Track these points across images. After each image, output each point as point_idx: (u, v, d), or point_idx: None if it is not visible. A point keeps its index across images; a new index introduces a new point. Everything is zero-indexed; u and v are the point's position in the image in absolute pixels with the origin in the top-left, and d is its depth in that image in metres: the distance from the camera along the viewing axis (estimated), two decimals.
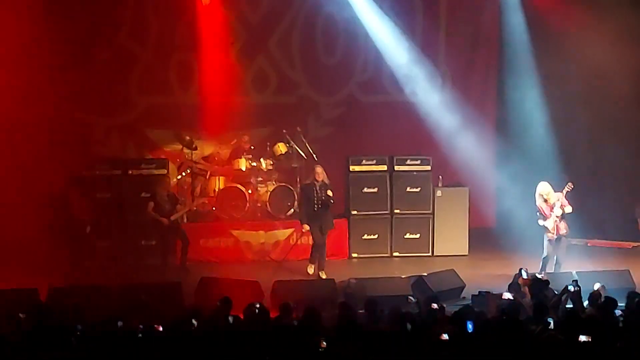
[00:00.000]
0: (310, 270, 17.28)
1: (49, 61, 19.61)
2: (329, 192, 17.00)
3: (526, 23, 20.46)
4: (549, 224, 16.35)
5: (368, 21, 20.35)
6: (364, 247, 19.16)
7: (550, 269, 16.27)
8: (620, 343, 10.21)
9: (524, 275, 13.97)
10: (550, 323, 11.01)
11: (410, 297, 12.84)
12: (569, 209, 16.34)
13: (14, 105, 19.29)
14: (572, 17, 19.69)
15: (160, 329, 10.65)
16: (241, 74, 20.56)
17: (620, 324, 11.14)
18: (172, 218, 17.45)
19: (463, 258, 18.90)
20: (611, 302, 11.89)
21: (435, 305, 12.27)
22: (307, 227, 17.04)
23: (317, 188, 17.01)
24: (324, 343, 10.12)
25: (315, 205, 16.99)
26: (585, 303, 12.80)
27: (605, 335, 10.40)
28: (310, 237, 17.48)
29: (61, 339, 10.42)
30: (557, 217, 16.31)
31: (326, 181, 17.12)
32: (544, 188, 16.46)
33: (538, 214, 16.44)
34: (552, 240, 16.38)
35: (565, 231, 16.35)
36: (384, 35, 20.40)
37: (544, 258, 16.42)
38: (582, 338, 10.03)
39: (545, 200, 16.38)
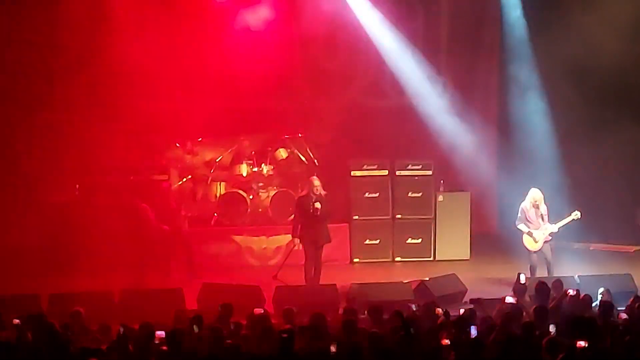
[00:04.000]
0: None
1: (52, 65, 19.68)
2: (317, 205, 15.99)
3: (527, 28, 20.44)
4: (539, 236, 16.35)
5: (369, 26, 20.33)
6: (366, 252, 19.14)
7: (542, 273, 16.27)
8: (621, 347, 10.21)
9: (522, 280, 13.96)
10: (551, 327, 11.02)
11: (412, 306, 12.82)
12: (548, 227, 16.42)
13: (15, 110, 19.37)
14: (572, 13, 19.73)
15: (162, 334, 10.64)
16: (242, 79, 20.55)
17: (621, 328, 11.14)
18: (174, 225, 17.43)
19: (465, 263, 18.90)
20: (608, 306, 11.93)
21: (440, 310, 12.27)
22: (298, 241, 16.23)
23: (314, 200, 16.15)
24: (333, 348, 10.13)
25: (312, 217, 16.11)
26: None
27: (605, 339, 10.42)
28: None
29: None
30: (549, 233, 16.35)
31: (322, 193, 16.22)
32: (537, 194, 16.46)
33: (520, 215, 16.45)
34: (536, 252, 16.42)
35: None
36: (385, 40, 20.38)
37: (530, 267, 16.42)
38: (581, 344, 10.02)
39: (536, 207, 16.38)
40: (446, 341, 10.38)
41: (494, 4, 20.71)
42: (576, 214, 16.39)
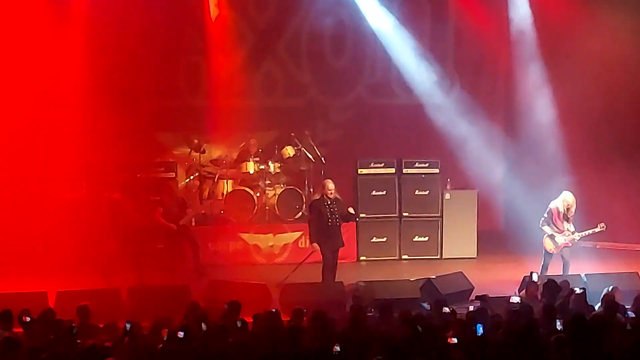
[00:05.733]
0: None
1: (59, 63, 19.73)
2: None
3: (535, 25, 20.43)
4: (560, 239, 16.28)
5: (376, 24, 20.36)
6: (373, 250, 19.15)
7: (556, 272, 16.23)
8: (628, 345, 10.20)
9: (534, 278, 13.94)
10: (558, 325, 11.01)
11: (424, 305, 12.81)
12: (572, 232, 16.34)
13: (27, 108, 19.43)
14: (580, 16, 19.70)
15: (181, 334, 10.65)
16: (249, 77, 20.58)
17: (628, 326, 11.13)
18: (181, 222, 17.46)
19: (472, 261, 18.89)
20: (614, 305, 11.91)
21: (447, 309, 12.27)
22: (317, 246, 15.93)
23: (328, 203, 15.88)
24: (337, 347, 10.12)
25: (329, 221, 15.86)
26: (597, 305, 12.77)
27: (612, 337, 10.41)
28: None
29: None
30: (570, 240, 16.28)
31: (337, 196, 15.98)
32: (569, 197, 16.29)
33: (546, 216, 16.35)
34: (553, 253, 16.36)
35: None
36: (393, 38, 20.39)
37: (543, 265, 16.37)
38: None
39: (567, 210, 16.26)
40: (453, 339, 10.37)
41: (502, 2, 20.70)
42: (602, 226, 16.32)
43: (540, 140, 20.05)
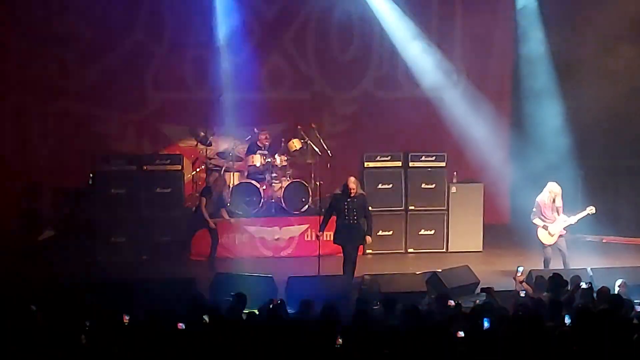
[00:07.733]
0: None
1: (64, 55, 19.76)
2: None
3: (541, 18, 20.43)
4: (554, 229, 16.25)
5: (383, 16, 20.34)
6: (379, 243, 19.09)
7: (556, 266, 16.21)
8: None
9: (519, 272, 13.92)
10: (565, 319, 11.01)
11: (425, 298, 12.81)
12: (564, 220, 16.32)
13: (29, 99, 19.47)
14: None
15: (182, 326, 10.65)
16: (256, 70, 20.56)
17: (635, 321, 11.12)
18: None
19: (477, 254, 18.90)
20: (618, 300, 11.89)
21: (452, 302, 12.26)
22: (319, 234, 16.11)
23: (348, 200, 15.84)
24: (340, 340, 10.12)
25: (347, 218, 15.88)
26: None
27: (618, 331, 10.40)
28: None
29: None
30: (564, 228, 16.26)
31: (361, 192, 16.02)
32: (555, 187, 16.34)
33: (535, 209, 16.33)
34: (551, 245, 16.33)
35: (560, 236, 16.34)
36: (399, 31, 20.38)
37: (544, 259, 16.34)
38: None
39: (553, 200, 16.28)
40: (460, 333, 10.36)
41: None
42: (591, 209, 16.30)
43: (546, 133, 20.03)
